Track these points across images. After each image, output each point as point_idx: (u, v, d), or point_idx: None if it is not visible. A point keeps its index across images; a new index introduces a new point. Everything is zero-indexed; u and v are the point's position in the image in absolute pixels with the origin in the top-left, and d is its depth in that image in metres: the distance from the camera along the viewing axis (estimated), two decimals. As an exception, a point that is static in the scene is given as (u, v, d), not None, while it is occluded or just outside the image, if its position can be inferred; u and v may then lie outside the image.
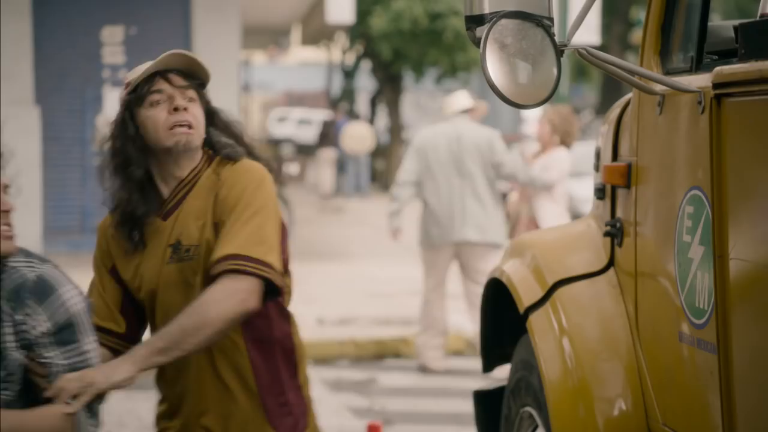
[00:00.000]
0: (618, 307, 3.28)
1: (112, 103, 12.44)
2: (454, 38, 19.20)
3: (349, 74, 26.32)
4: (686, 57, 3.06)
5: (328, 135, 22.57)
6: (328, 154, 21.92)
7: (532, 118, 13.50)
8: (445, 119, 7.96)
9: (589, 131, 25.84)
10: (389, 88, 23.06)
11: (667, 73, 3.11)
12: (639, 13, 27.62)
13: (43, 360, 2.58)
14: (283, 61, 42.02)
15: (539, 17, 2.79)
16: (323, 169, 21.96)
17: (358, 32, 21.01)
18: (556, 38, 2.81)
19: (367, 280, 10.29)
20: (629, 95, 3.49)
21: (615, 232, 3.36)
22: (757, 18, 2.91)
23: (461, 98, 7.99)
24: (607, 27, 23.58)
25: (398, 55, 20.27)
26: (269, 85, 40.39)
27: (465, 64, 20.36)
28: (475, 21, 2.75)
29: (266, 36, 23.72)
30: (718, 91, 2.40)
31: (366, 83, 28.20)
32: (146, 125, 2.89)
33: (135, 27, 12.46)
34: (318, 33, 21.92)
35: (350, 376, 7.64)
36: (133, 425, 6.21)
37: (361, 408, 6.71)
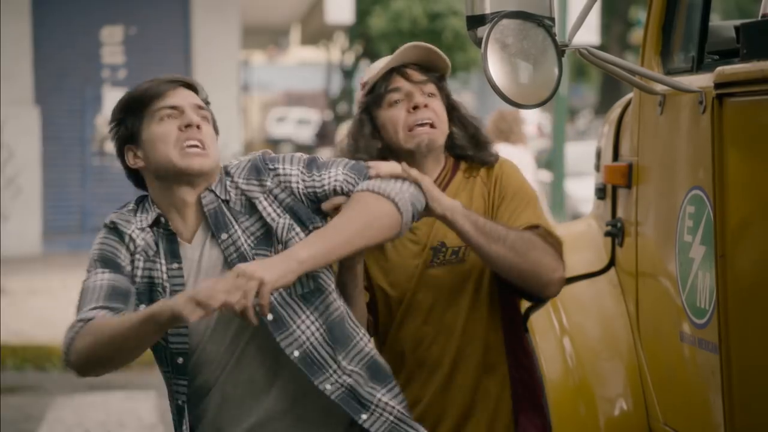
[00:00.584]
0: (619, 306, 3.29)
1: (111, 103, 12.44)
2: (453, 38, 19.21)
3: (348, 74, 26.34)
4: (687, 57, 3.06)
5: (326, 134, 22.56)
6: (325, 154, 21.89)
7: (530, 119, 13.52)
8: None
9: (588, 131, 25.87)
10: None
11: (668, 73, 3.11)
12: (638, 13, 27.62)
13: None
14: (282, 61, 42.02)
15: (540, 17, 2.80)
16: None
17: (358, 32, 21.02)
18: (557, 38, 2.82)
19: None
20: (630, 95, 3.49)
21: (616, 232, 3.36)
22: (759, 18, 2.92)
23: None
24: (606, 27, 23.59)
25: (398, 55, 20.32)
26: (268, 85, 40.39)
27: (464, 64, 20.37)
28: (477, 21, 2.75)
29: (265, 36, 23.74)
30: (720, 91, 2.40)
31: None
32: (386, 127, 2.74)
33: (134, 27, 12.47)
34: (317, 33, 21.93)
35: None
36: (133, 425, 6.21)
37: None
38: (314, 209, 2.52)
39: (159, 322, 2.31)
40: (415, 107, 2.69)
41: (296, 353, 2.46)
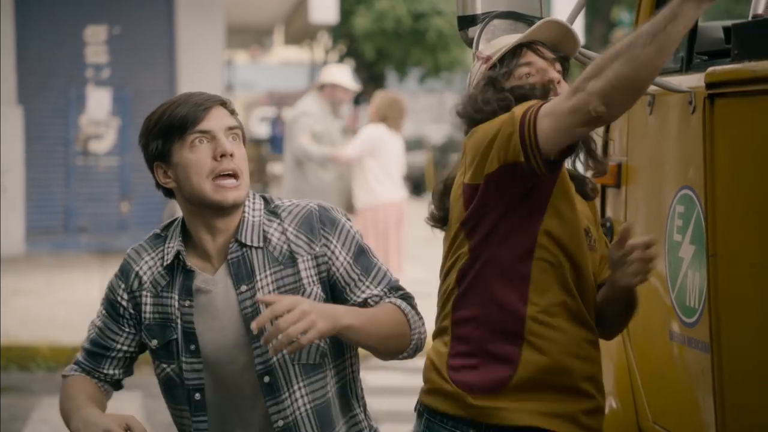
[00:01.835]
0: (608, 306, 3.30)
1: (95, 102, 12.41)
2: (437, 38, 19.24)
3: (331, 74, 26.19)
4: (676, 57, 3.08)
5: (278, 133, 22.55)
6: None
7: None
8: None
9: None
10: (372, 87, 23.06)
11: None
12: (620, 14, 27.71)
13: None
14: (265, 61, 41.97)
15: (531, 18, 2.81)
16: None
17: (342, 32, 21.02)
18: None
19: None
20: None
21: (605, 232, 3.37)
22: (749, 19, 2.94)
23: (325, 74, 8.91)
24: (589, 27, 23.66)
25: (381, 54, 20.30)
26: (252, 84, 40.33)
27: (448, 63, 20.38)
28: (468, 21, 2.76)
29: (249, 36, 23.70)
30: (711, 91, 2.42)
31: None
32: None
33: (118, 26, 12.42)
34: (301, 33, 21.90)
35: (336, 375, 7.63)
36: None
37: (347, 407, 6.71)
38: (331, 296, 2.49)
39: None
40: (551, 80, 2.47)
41: (281, 423, 2.44)
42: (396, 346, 2.46)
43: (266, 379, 2.43)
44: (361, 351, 2.53)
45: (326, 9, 16.44)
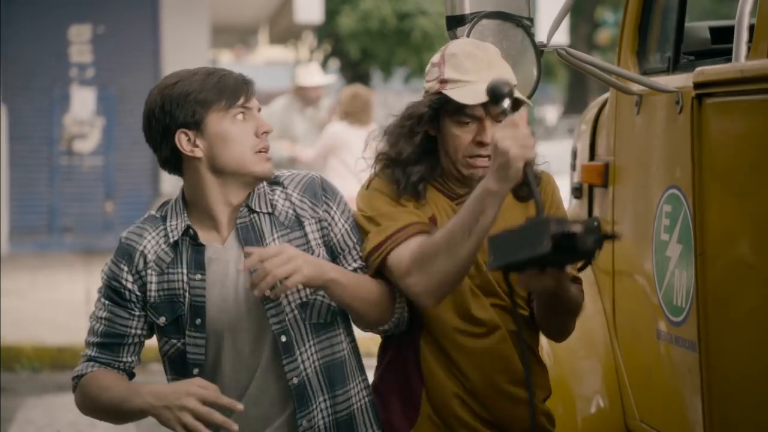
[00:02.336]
0: (595, 305, 3.31)
1: (79, 102, 12.36)
2: (422, 38, 19.23)
3: (316, 73, 26.15)
4: (663, 57, 3.09)
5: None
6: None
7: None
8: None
9: (556, 132, 25.96)
10: (357, 87, 22.99)
11: (644, 73, 3.14)
12: (604, 14, 27.76)
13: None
14: (249, 60, 41.91)
15: (519, 18, 2.82)
16: (291, 168, 21.85)
17: (326, 32, 20.99)
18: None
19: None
20: (605, 95, 3.52)
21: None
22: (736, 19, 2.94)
23: (296, 76, 9.01)
24: (573, 27, 23.71)
25: (366, 54, 20.28)
26: (236, 84, 40.25)
27: (433, 63, 20.31)
28: (456, 21, 2.77)
29: (234, 35, 23.68)
30: (699, 91, 2.43)
31: (334, 83, 28.12)
32: (446, 141, 2.60)
33: (103, 25, 12.38)
34: (286, 32, 21.87)
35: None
36: (104, 426, 6.18)
37: (333, 407, 6.71)
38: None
39: (132, 411, 2.42)
40: (481, 143, 2.53)
41: (295, 380, 2.49)
42: (379, 315, 2.53)
43: (283, 338, 2.48)
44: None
45: (311, 9, 16.42)
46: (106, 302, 2.55)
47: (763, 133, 2.30)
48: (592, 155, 3.47)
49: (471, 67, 2.51)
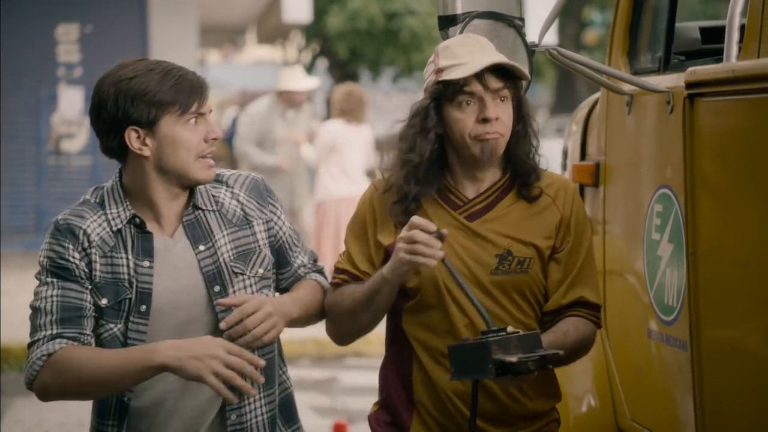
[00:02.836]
0: (586, 304, 3.31)
1: (67, 101, 12.32)
2: (410, 38, 19.25)
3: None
4: (654, 57, 3.10)
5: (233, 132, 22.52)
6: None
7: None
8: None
9: (544, 131, 25.98)
10: (345, 87, 22.97)
11: (635, 73, 3.15)
12: (591, 14, 27.81)
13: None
14: (237, 60, 41.86)
15: (510, 18, 2.82)
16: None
17: (315, 31, 20.99)
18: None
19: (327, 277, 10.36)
20: (595, 95, 3.53)
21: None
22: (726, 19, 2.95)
23: (280, 80, 8.99)
24: (561, 27, 23.75)
25: (355, 54, 20.29)
26: (224, 84, 40.21)
27: (421, 63, 20.37)
28: (448, 21, 2.77)
29: (222, 35, 23.65)
30: (691, 91, 2.43)
31: (322, 82, 28.09)
32: (451, 127, 2.64)
33: (90, 25, 12.35)
34: (274, 32, 21.85)
35: (312, 375, 7.63)
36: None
37: (323, 407, 6.71)
38: (276, 258, 2.66)
39: (144, 371, 2.37)
40: (486, 120, 2.55)
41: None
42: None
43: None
44: (337, 351, 2.76)
45: (299, 8, 16.40)
46: (54, 280, 2.46)
47: (754, 132, 2.31)
48: (583, 155, 3.47)
49: (463, 52, 2.57)
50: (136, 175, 2.50)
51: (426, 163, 2.62)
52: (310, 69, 26.34)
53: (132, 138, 2.45)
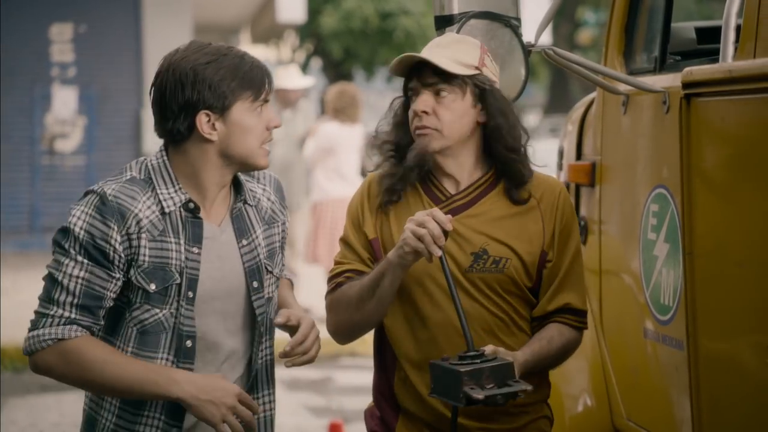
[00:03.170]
0: (582, 304, 3.32)
1: (60, 101, 12.31)
2: (404, 38, 19.26)
3: (298, 73, 26.05)
4: (650, 57, 3.10)
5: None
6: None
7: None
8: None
9: (538, 131, 26.02)
10: (339, 87, 22.94)
11: (631, 73, 3.15)
12: (585, 14, 27.83)
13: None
14: (231, 60, 41.83)
15: (507, 18, 2.83)
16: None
17: (309, 31, 20.98)
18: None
19: (320, 279, 10.30)
20: (591, 95, 3.54)
21: (579, 230, 3.39)
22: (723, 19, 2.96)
23: (279, 76, 8.95)
24: (554, 27, 23.79)
25: (349, 54, 20.29)
26: (217, 83, 40.14)
27: (415, 63, 20.29)
28: (445, 21, 2.78)
29: (216, 35, 23.57)
30: (688, 91, 2.44)
31: (316, 82, 28.08)
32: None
33: (84, 24, 12.33)
34: (268, 32, 21.85)
35: (307, 375, 7.63)
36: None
37: (318, 407, 6.71)
38: None
39: (157, 396, 2.41)
40: (415, 113, 2.63)
41: (258, 362, 2.57)
42: None
43: (262, 328, 2.56)
44: (332, 351, 2.79)
45: (294, 8, 16.40)
46: (85, 261, 2.40)
47: (751, 132, 2.31)
48: (579, 155, 3.48)
49: (424, 50, 2.65)
50: (196, 158, 2.47)
51: (403, 148, 2.66)
52: (304, 69, 26.33)
53: (203, 122, 2.44)
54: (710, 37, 3.02)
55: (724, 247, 2.41)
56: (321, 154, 8.66)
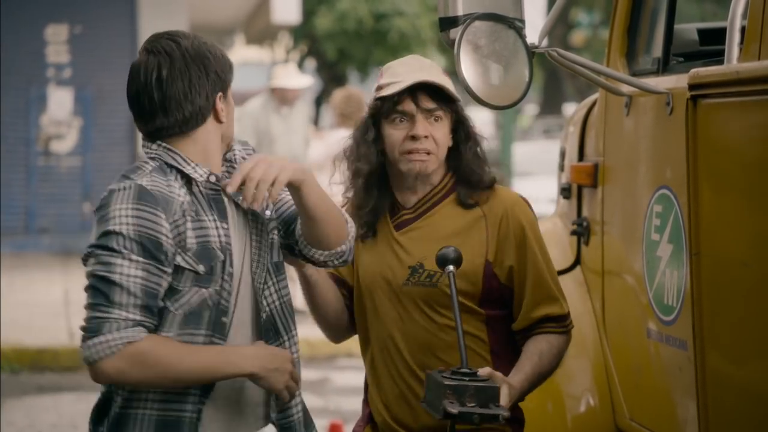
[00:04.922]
0: (585, 304, 3.33)
1: (56, 102, 12.29)
2: (399, 39, 19.23)
3: (292, 74, 26.01)
4: (653, 59, 3.11)
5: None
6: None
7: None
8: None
9: (531, 132, 26.04)
10: (334, 87, 22.96)
11: (634, 74, 3.16)
12: (579, 15, 27.86)
13: None
14: (224, 61, 41.81)
15: (511, 19, 2.83)
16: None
17: (303, 32, 20.97)
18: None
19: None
20: (593, 96, 3.55)
21: (581, 231, 3.41)
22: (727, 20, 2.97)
23: (273, 77, 8.97)
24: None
25: (343, 55, 20.26)
26: (211, 84, 40.13)
27: (409, 64, 20.29)
28: (449, 23, 2.78)
29: (211, 36, 23.54)
30: (694, 93, 2.45)
31: (312, 84, 28.05)
32: (385, 141, 2.86)
33: (80, 25, 12.32)
34: (262, 33, 21.83)
35: (304, 375, 7.60)
36: (85, 427, 6.14)
37: (316, 407, 6.71)
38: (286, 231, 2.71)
39: (229, 376, 2.45)
40: (414, 137, 2.72)
41: (263, 315, 2.54)
42: (337, 233, 2.56)
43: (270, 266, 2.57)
44: (329, 352, 2.83)
45: (288, 9, 16.40)
46: (140, 259, 2.34)
47: (757, 133, 2.32)
48: (581, 156, 3.49)
49: (403, 71, 2.77)
50: (207, 140, 2.49)
51: (375, 174, 2.77)
52: (299, 70, 26.27)
53: (220, 102, 2.51)
54: (713, 38, 3.03)
55: (730, 248, 2.42)
56: (324, 161, 8.62)
